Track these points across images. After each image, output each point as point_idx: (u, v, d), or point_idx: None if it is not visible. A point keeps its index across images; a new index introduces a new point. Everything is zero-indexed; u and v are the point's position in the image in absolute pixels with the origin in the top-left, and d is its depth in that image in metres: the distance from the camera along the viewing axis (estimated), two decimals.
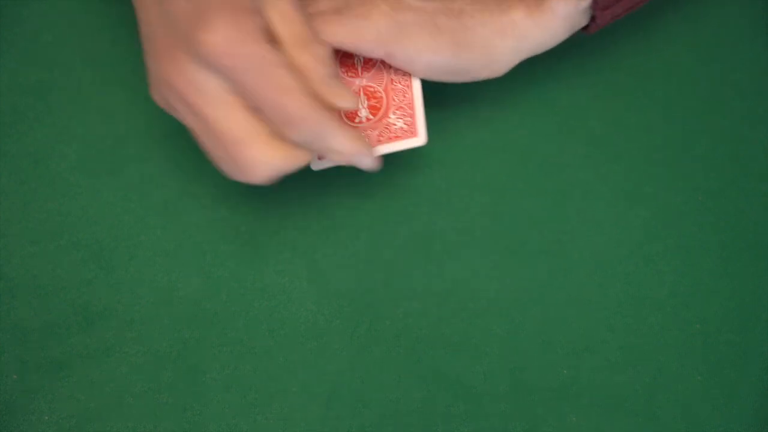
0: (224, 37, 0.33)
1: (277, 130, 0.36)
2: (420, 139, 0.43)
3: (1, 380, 0.43)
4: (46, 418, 0.42)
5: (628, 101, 0.51)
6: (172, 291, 0.45)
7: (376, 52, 0.42)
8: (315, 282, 0.46)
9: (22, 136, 0.48)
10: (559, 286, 0.46)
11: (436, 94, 0.47)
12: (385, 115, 0.43)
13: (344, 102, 0.37)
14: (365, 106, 0.43)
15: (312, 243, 0.47)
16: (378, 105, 0.43)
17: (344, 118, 0.43)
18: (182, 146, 0.48)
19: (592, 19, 0.44)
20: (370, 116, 0.43)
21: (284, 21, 0.36)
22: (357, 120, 0.43)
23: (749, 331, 0.45)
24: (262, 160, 0.36)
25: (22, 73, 0.50)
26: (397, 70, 0.44)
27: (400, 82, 0.44)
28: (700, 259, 0.47)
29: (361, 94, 0.43)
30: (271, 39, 0.35)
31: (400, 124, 0.43)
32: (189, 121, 0.37)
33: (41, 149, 0.48)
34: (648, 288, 0.46)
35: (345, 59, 0.44)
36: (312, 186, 0.47)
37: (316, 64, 0.36)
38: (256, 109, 0.35)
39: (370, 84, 0.44)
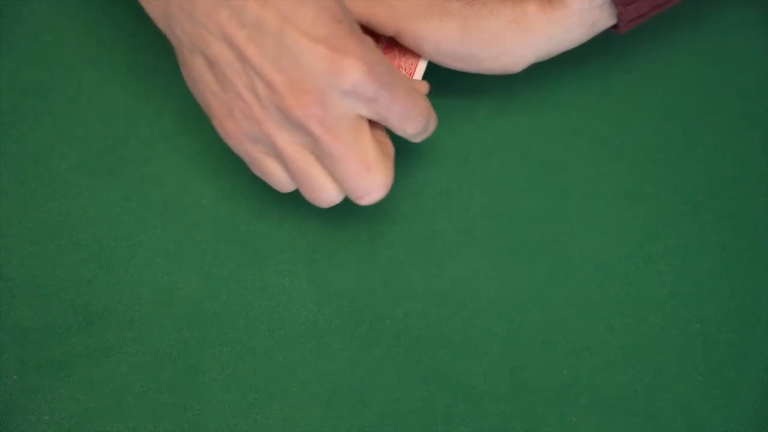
0: (364, 60, 0.35)
1: (397, 128, 0.39)
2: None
3: (1, 380, 0.43)
4: (46, 418, 0.42)
5: (631, 101, 0.51)
6: (172, 291, 0.45)
7: (387, 29, 0.43)
8: (315, 282, 0.46)
9: (22, 136, 0.48)
10: (559, 286, 0.46)
11: (437, 93, 0.47)
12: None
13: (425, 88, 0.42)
14: None
15: (312, 243, 0.47)
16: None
17: None
18: (182, 146, 0.48)
19: (618, 16, 0.43)
20: None
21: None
22: None
23: (749, 331, 0.45)
24: (384, 175, 0.39)
25: (22, 73, 0.50)
26: (406, 53, 0.45)
27: (404, 69, 0.44)
28: (700, 259, 0.47)
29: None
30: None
31: None
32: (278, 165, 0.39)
33: (41, 149, 0.48)
34: (648, 288, 0.46)
35: None
36: None
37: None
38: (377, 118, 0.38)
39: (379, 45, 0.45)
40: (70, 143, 0.48)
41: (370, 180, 0.38)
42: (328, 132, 0.36)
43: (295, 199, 0.47)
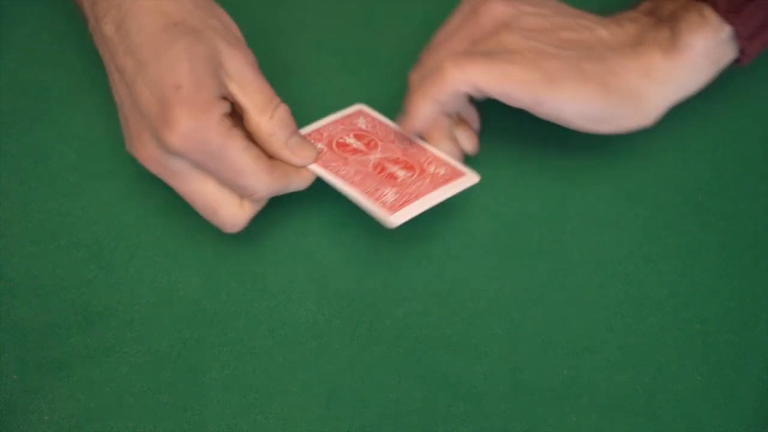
0: (185, 134, 0.36)
1: (241, 195, 0.41)
2: (471, 176, 0.43)
3: (1, 380, 0.43)
4: (46, 418, 0.42)
5: None
6: (172, 291, 0.45)
7: (524, 98, 0.42)
8: (315, 282, 0.46)
9: (22, 136, 0.48)
10: (559, 286, 0.46)
11: None
12: (422, 170, 0.43)
13: (307, 159, 0.42)
14: (399, 168, 0.44)
15: (312, 243, 0.47)
16: (409, 164, 0.44)
17: (385, 179, 0.43)
18: None
19: (742, 51, 0.43)
20: (409, 173, 0.43)
21: (245, 92, 0.39)
22: (399, 180, 0.43)
23: (749, 331, 0.45)
24: (233, 221, 0.41)
25: (22, 73, 0.50)
26: (399, 135, 0.45)
27: (411, 147, 0.44)
28: (700, 259, 0.47)
29: (387, 163, 0.44)
30: (235, 113, 0.40)
31: (442, 171, 0.43)
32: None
33: (41, 149, 0.48)
34: (648, 288, 0.46)
35: (342, 148, 0.44)
36: (312, 187, 0.46)
37: (279, 128, 0.40)
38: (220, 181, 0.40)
39: (385, 156, 0.44)
40: (70, 143, 0.48)
41: (217, 221, 0.41)
42: (168, 178, 0.40)
43: (296, 200, 0.47)
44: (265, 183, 0.40)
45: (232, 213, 0.41)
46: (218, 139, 0.37)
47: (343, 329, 0.45)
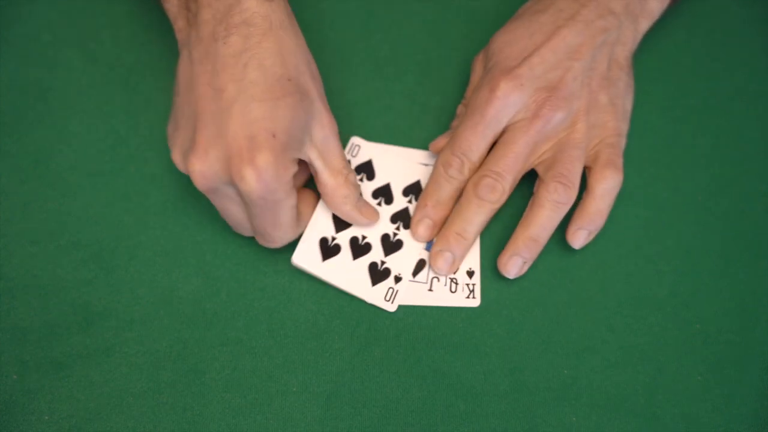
0: (261, 177, 0.39)
1: (255, 233, 0.44)
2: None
3: (1, 380, 0.43)
4: (46, 418, 0.42)
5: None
6: (172, 291, 0.45)
7: None
8: (315, 282, 0.46)
9: (22, 136, 0.48)
10: (559, 286, 0.46)
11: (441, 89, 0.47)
12: None
13: (373, 219, 0.45)
14: None
15: None
16: None
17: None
18: None
19: None
20: None
21: (324, 157, 0.43)
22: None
23: (749, 331, 0.45)
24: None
25: (22, 73, 0.50)
26: None
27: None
28: (700, 259, 0.47)
29: None
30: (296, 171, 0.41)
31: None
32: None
33: (41, 149, 0.48)
34: (648, 288, 0.46)
35: None
36: (311, 187, 0.46)
37: (352, 191, 0.44)
38: (250, 216, 0.42)
39: None
40: (70, 143, 0.48)
41: (244, 234, 0.45)
42: (212, 195, 0.42)
43: None
44: (287, 239, 0.44)
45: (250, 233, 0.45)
46: (281, 195, 0.40)
47: (343, 329, 0.45)
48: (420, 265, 0.46)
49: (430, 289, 0.45)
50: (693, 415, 0.43)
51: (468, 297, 0.45)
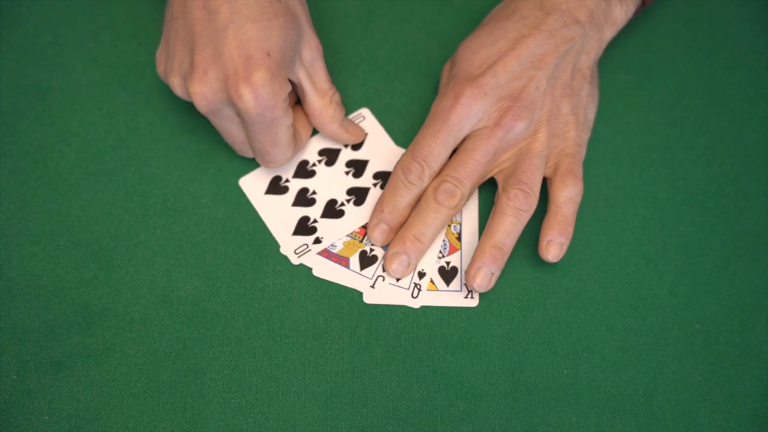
0: (258, 94, 0.40)
1: (255, 154, 0.45)
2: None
3: (1, 380, 0.43)
4: (46, 418, 0.42)
5: (629, 101, 0.51)
6: (172, 291, 0.45)
7: None
8: (315, 282, 0.46)
9: (22, 136, 0.48)
10: (559, 286, 0.46)
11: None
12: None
13: (359, 137, 0.48)
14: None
15: None
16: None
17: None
18: (182, 146, 0.48)
19: None
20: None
21: (312, 79, 0.45)
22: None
23: (749, 331, 0.45)
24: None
25: (22, 73, 0.50)
26: None
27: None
28: (700, 259, 0.47)
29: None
30: (291, 90, 0.44)
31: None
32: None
33: (41, 149, 0.48)
34: (648, 288, 0.46)
35: None
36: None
37: (338, 111, 0.47)
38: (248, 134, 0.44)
39: None
40: (70, 143, 0.48)
41: (244, 154, 0.47)
42: (213, 116, 0.43)
43: None
44: (285, 158, 0.45)
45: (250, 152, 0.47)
46: (278, 113, 0.42)
47: (343, 329, 0.45)
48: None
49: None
50: (693, 415, 0.43)
51: (467, 297, 0.45)
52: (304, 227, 0.46)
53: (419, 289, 0.45)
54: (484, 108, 0.44)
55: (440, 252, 0.46)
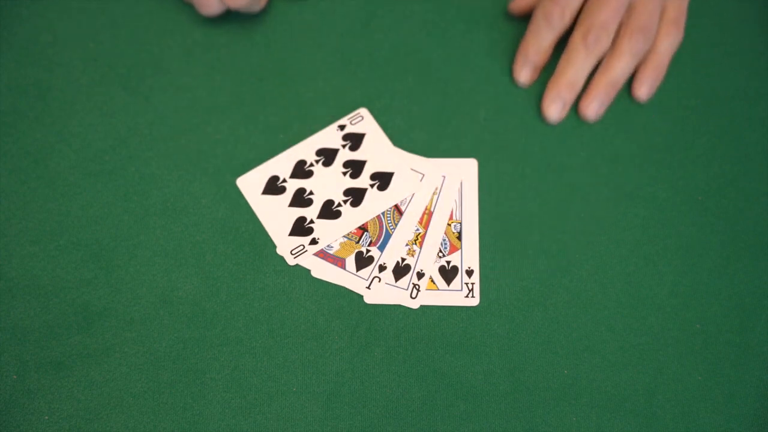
0: None
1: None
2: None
3: (1, 380, 0.43)
4: (46, 418, 0.42)
5: (628, 101, 0.51)
6: (172, 291, 0.45)
7: None
8: (315, 282, 0.46)
9: (22, 136, 0.48)
10: (559, 286, 0.46)
11: (436, 109, 0.47)
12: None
13: None
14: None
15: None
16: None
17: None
18: (182, 146, 0.48)
19: None
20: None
21: None
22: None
23: (749, 331, 0.45)
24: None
25: (22, 73, 0.50)
26: None
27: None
28: (700, 259, 0.47)
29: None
30: None
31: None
32: None
33: (41, 149, 0.48)
34: (648, 288, 0.46)
35: None
36: None
37: None
38: None
39: None
40: (70, 143, 0.48)
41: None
42: None
43: None
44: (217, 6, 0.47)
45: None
46: None
47: (343, 329, 0.45)
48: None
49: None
50: (693, 415, 0.43)
51: (467, 296, 0.45)
52: (300, 228, 0.46)
53: (418, 290, 0.45)
54: None
55: (440, 251, 0.46)
